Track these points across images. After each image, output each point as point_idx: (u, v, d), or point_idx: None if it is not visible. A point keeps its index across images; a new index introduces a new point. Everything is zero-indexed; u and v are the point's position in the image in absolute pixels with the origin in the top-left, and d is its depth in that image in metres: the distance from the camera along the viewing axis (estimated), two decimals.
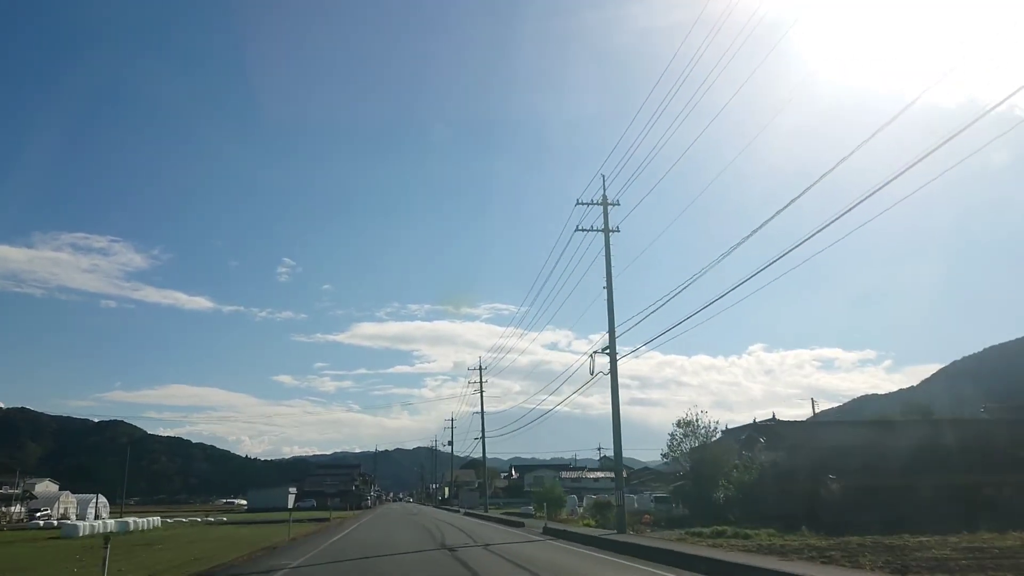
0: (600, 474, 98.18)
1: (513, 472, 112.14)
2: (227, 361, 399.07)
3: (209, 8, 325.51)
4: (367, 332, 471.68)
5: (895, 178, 12.65)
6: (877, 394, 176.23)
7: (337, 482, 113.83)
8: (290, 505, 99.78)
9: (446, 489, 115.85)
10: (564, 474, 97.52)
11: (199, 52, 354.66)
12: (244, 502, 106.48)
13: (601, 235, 27.66)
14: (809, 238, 15.21)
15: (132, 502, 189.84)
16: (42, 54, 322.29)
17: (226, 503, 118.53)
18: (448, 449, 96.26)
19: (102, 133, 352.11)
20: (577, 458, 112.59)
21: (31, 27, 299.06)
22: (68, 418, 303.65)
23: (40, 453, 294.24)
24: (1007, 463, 25.81)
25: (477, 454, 77.84)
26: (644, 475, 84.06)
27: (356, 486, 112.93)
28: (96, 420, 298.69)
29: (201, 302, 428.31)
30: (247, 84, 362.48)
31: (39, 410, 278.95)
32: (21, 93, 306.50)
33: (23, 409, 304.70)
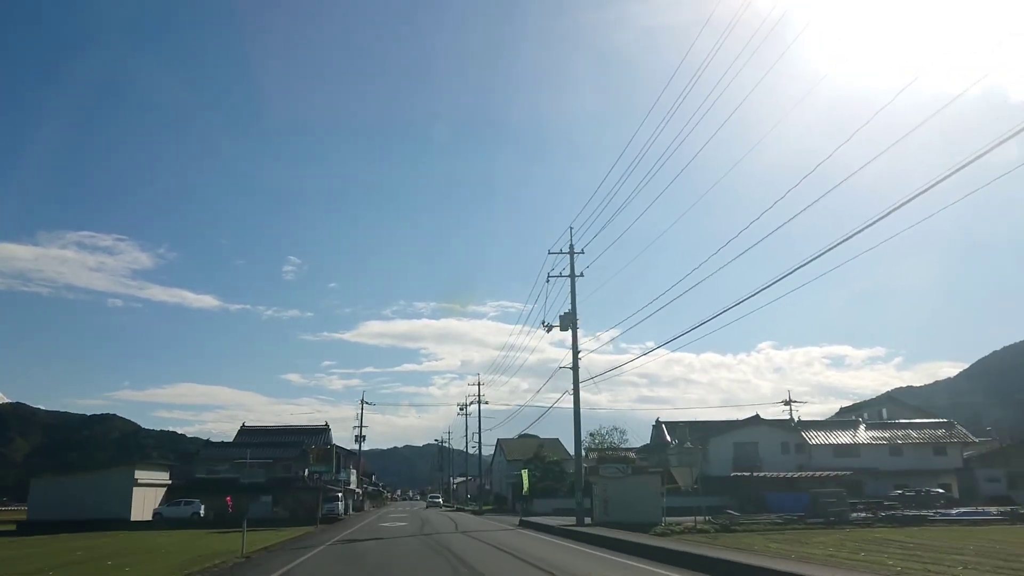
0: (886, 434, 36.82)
1: (666, 433, 50.37)
2: (235, 359, 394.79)
3: (213, 4, 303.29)
4: (374, 330, 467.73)
5: (935, 185, 11.13)
6: (912, 386, 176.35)
7: (270, 458, 54.90)
8: (138, 515, 38.30)
9: (524, 477, 51.41)
10: (819, 435, 36.85)
11: (203, 49, 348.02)
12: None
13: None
14: (840, 243, 14.38)
15: None
16: (45, 51, 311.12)
17: None
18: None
19: (106, 130, 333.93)
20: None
21: (33, 23, 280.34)
22: (64, 413, 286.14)
23: (27, 449, 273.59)
24: None
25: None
26: None
27: (308, 472, 52.79)
28: (89, 415, 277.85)
29: (208, 300, 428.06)
30: (251, 81, 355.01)
31: (35, 405, 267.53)
32: (25, 90, 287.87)
33: (18, 404, 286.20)
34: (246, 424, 64.59)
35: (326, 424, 64.06)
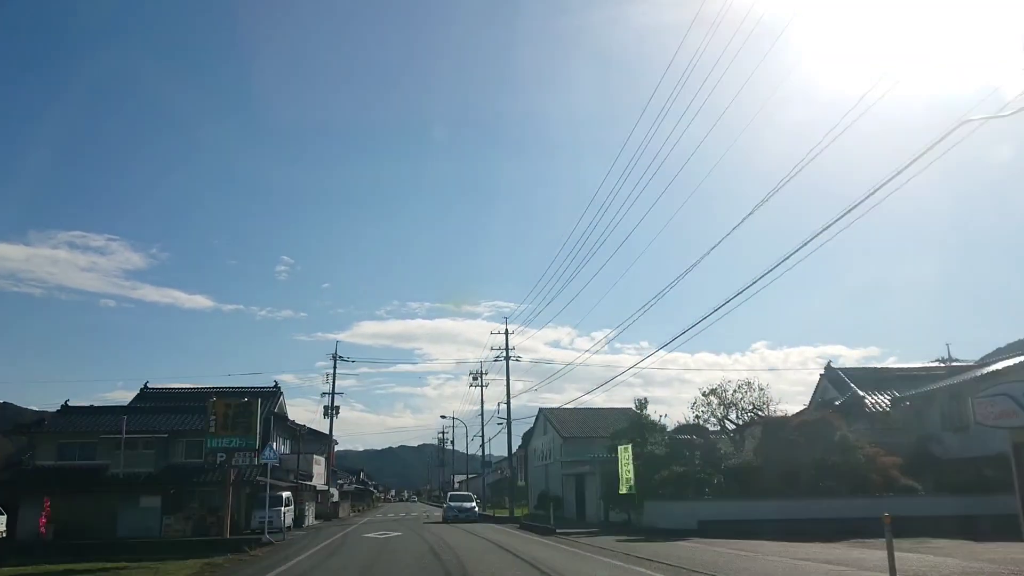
0: None
1: (849, 381, 27.37)
2: (229, 360, 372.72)
3: (206, 5, 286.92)
4: (368, 331, 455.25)
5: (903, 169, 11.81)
6: None
7: (165, 431, 32.20)
8: None
9: (624, 459, 27.34)
10: None
11: (197, 50, 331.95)
12: None
13: None
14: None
15: None
16: (39, 51, 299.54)
17: None
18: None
19: (97, 131, 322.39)
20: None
21: (28, 24, 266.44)
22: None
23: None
24: None
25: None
26: None
27: (208, 448, 29.26)
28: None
29: (201, 301, 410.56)
30: (245, 82, 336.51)
31: (26, 406, 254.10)
32: (14, 90, 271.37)
33: (5, 404, 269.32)
34: (150, 384, 41.94)
35: (276, 385, 41.05)
